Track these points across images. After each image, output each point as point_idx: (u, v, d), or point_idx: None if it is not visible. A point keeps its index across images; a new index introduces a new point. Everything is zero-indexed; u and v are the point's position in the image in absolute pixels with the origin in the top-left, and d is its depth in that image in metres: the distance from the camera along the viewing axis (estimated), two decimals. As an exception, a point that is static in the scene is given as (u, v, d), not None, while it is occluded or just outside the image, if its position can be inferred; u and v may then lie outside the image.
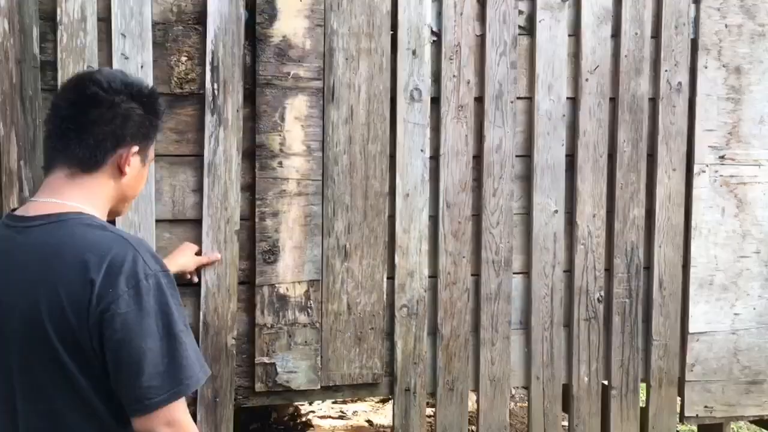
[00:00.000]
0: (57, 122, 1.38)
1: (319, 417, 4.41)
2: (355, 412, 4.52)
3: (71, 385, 1.29)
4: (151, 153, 1.50)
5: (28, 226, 1.35)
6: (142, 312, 1.26)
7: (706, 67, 2.58)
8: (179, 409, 1.29)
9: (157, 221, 2.19)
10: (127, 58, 2.12)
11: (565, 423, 2.65)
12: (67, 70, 2.08)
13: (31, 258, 1.32)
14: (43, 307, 1.28)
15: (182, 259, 2.14)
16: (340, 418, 4.44)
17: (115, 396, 1.30)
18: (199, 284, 2.23)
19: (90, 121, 1.37)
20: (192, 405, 2.24)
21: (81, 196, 1.38)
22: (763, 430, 3.17)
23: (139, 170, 1.44)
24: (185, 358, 1.29)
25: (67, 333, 1.27)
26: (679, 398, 2.67)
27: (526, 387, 2.57)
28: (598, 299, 2.55)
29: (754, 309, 2.66)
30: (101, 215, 1.41)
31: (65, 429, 1.31)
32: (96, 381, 1.29)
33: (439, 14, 2.37)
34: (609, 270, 2.56)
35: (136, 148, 1.40)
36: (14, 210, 1.45)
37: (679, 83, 2.56)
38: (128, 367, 1.26)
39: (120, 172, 1.40)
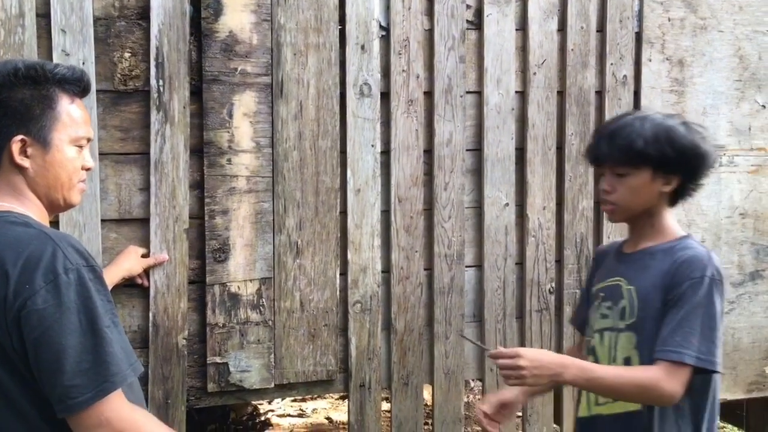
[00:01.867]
0: None
1: (278, 415, 4.39)
2: (314, 410, 4.50)
3: None
4: (59, 134, 1.37)
5: None
6: (61, 307, 1.21)
7: (650, 60, 2.63)
8: (111, 407, 1.24)
9: (103, 221, 2.14)
10: (68, 54, 2.07)
11: (520, 412, 2.68)
12: (5, 67, 2.02)
13: None
14: None
15: (127, 263, 2.10)
16: (300, 416, 4.42)
17: (44, 397, 1.25)
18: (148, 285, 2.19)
19: None
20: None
21: (6, 195, 1.35)
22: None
23: (44, 157, 1.35)
24: (110, 355, 1.24)
25: None
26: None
27: (481, 379, 2.59)
28: (549, 290, 2.59)
29: (700, 296, 2.72)
30: (37, 210, 1.37)
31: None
32: (22, 382, 1.25)
33: (387, 8, 2.37)
34: (560, 261, 2.60)
35: (19, 137, 1.33)
36: None
37: (625, 76, 2.60)
38: (49, 366, 1.21)
39: (17, 166, 1.34)
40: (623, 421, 1.68)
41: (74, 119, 1.39)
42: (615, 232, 2.62)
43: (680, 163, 1.65)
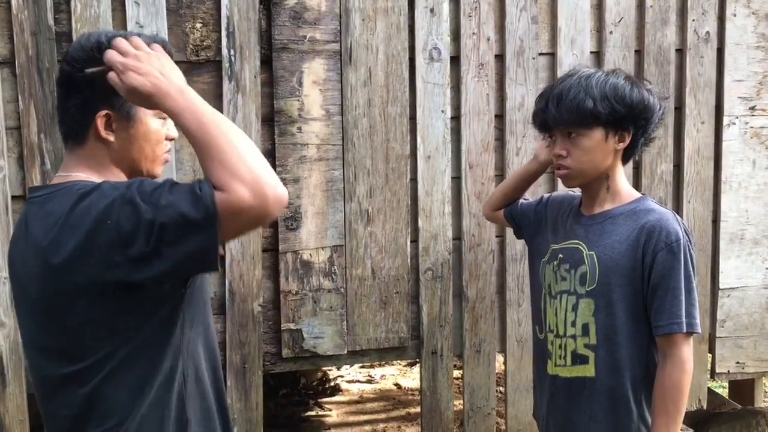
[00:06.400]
0: None
1: (347, 381, 4.45)
2: (383, 376, 4.55)
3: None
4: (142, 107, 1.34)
5: (36, 196, 1.34)
6: None
7: (734, 15, 2.49)
8: None
9: (179, 191, 2.18)
10: (141, 26, 2.10)
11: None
12: (83, 40, 2.06)
13: (36, 225, 1.29)
14: (40, 277, 1.26)
15: None
16: (368, 382, 4.47)
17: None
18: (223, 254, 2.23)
19: (63, 98, 1.35)
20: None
21: (86, 167, 1.35)
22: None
23: (129, 131, 1.34)
24: None
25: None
26: (710, 355, 2.64)
27: (554, 347, 2.55)
28: (625, 257, 2.51)
29: (787, 263, 2.61)
30: (115, 180, 1.36)
31: None
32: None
33: (456, -30, 2.31)
34: (636, 227, 2.52)
35: (103, 112, 1.31)
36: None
37: (707, 33, 2.48)
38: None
39: (102, 139, 1.33)
40: (577, 383, 1.70)
41: None
42: (695, 196, 2.52)
43: (631, 117, 1.65)
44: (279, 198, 1.18)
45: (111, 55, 1.25)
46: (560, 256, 1.75)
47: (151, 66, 1.23)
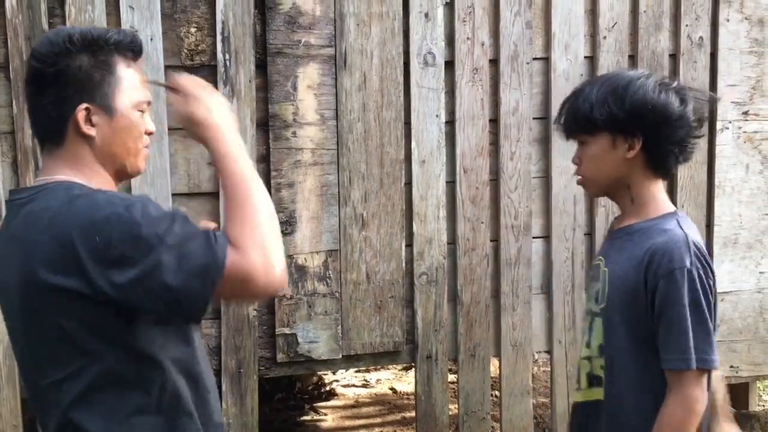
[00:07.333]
0: None
1: (342, 386, 4.44)
2: (378, 380, 4.54)
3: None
4: (122, 99, 1.32)
5: (18, 198, 1.29)
6: None
7: (728, 20, 2.50)
8: None
9: (174, 195, 2.18)
10: (136, 30, 2.10)
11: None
12: (77, 45, 2.06)
13: (17, 226, 1.25)
14: (18, 278, 1.22)
15: None
16: (364, 386, 4.46)
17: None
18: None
19: (34, 97, 1.30)
20: (216, 377, 2.25)
21: (68, 168, 1.30)
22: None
23: (110, 124, 1.29)
24: None
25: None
26: (703, 359, 2.64)
27: (549, 351, 2.55)
28: (619, 261, 2.52)
29: (780, 267, 2.61)
30: (103, 181, 1.32)
31: None
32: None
33: (451, -25, 2.31)
34: (630, 231, 2.52)
35: (83, 106, 1.27)
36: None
37: (701, 38, 2.49)
38: None
39: (83, 135, 1.28)
40: (592, 407, 1.57)
41: (133, 83, 1.33)
42: (689, 200, 2.53)
43: (633, 121, 1.46)
44: (282, 277, 1.17)
45: (184, 79, 1.28)
46: (591, 273, 1.65)
47: (218, 103, 1.27)
